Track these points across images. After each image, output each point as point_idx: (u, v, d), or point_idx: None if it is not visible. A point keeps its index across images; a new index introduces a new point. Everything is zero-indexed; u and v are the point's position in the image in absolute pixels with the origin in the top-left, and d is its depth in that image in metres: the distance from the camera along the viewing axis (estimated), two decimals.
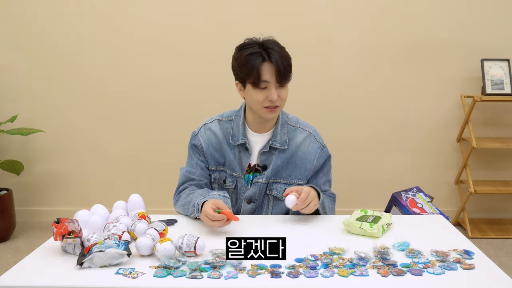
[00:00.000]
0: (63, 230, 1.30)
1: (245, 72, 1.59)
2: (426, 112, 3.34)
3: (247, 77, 1.60)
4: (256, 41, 1.63)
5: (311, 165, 1.72)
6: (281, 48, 1.61)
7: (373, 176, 3.41)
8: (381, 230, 1.44)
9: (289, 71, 1.60)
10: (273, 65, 1.57)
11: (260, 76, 1.57)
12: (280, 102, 1.62)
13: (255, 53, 1.58)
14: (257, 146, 1.73)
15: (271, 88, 1.59)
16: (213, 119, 1.79)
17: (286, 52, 1.62)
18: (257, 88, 1.60)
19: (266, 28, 3.18)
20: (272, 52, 1.58)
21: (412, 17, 3.23)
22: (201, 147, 1.75)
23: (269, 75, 1.58)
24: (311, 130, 1.76)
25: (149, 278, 1.16)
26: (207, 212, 1.46)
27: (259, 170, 1.73)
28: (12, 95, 3.34)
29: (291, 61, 1.62)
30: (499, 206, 3.49)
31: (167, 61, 3.29)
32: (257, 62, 1.57)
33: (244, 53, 1.60)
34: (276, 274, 1.17)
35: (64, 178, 3.46)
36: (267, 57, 1.58)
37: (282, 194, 1.72)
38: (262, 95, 1.60)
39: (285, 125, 1.73)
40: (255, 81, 1.58)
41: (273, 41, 1.64)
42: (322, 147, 1.75)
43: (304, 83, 3.27)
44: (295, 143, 1.72)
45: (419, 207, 1.94)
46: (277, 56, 1.57)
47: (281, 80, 1.59)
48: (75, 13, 3.24)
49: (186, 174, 1.76)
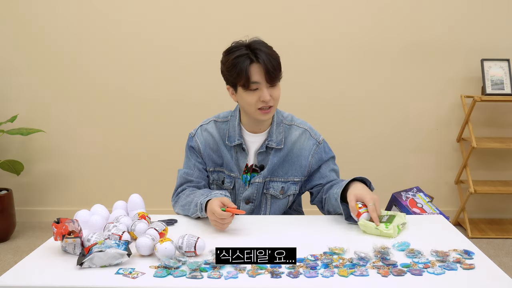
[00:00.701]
0: (63, 230, 1.30)
1: (234, 75, 1.59)
2: (426, 112, 3.34)
3: (237, 80, 1.59)
4: (242, 44, 1.62)
5: (306, 161, 1.72)
6: (268, 48, 1.60)
7: (373, 176, 3.37)
8: (396, 230, 1.44)
9: (278, 69, 1.59)
10: (261, 65, 1.56)
11: (249, 77, 1.56)
12: (273, 102, 1.61)
13: (242, 55, 1.57)
14: (253, 146, 1.72)
15: (262, 89, 1.58)
16: (209, 120, 1.79)
17: (273, 51, 1.61)
18: (248, 90, 1.59)
19: (266, 28, 3.20)
20: (259, 53, 1.56)
21: (412, 17, 3.23)
22: (198, 148, 1.75)
23: (258, 76, 1.57)
24: (306, 126, 1.76)
25: (149, 278, 1.16)
26: (215, 211, 1.45)
27: (256, 170, 1.73)
28: (12, 95, 3.34)
29: (279, 59, 1.60)
30: (499, 206, 3.49)
31: (167, 61, 3.29)
32: (245, 64, 1.56)
33: (231, 57, 1.59)
34: (276, 274, 1.17)
35: (64, 178, 3.46)
36: (254, 58, 1.56)
37: (279, 192, 1.73)
38: (254, 96, 1.59)
39: (281, 124, 1.73)
40: (245, 83, 1.57)
41: (260, 42, 1.62)
42: (318, 143, 1.73)
43: (304, 83, 3.28)
44: (290, 140, 1.72)
45: (419, 207, 1.94)
46: (264, 56, 1.56)
47: (271, 80, 1.58)
48: (75, 13, 3.25)
49: (184, 176, 1.76)
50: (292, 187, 1.74)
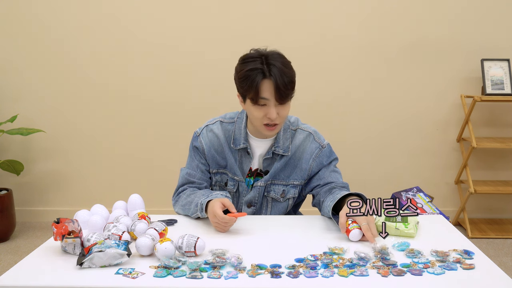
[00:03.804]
0: (63, 230, 1.30)
1: (245, 87, 1.54)
2: (426, 112, 3.35)
3: (247, 93, 1.55)
4: (259, 54, 1.55)
5: (307, 164, 1.70)
6: (284, 64, 1.53)
7: (373, 176, 3.41)
8: (416, 229, 1.45)
9: (290, 88, 1.53)
10: (273, 82, 1.50)
11: (258, 93, 1.52)
12: (279, 120, 1.58)
13: (256, 69, 1.51)
14: (259, 150, 1.71)
15: (271, 106, 1.54)
16: (216, 120, 1.76)
17: (289, 69, 1.54)
18: (256, 105, 1.56)
19: (266, 30, 3.20)
20: (273, 69, 1.50)
21: (412, 17, 3.23)
22: (203, 149, 1.73)
23: (268, 93, 1.52)
24: (310, 130, 1.74)
25: (149, 278, 1.16)
26: (218, 214, 1.44)
27: (261, 174, 1.72)
28: (12, 95, 3.34)
29: (294, 78, 1.55)
30: (499, 206, 3.49)
31: (167, 61, 3.29)
32: (257, 79, 1.50)
33: (245, 68, 1.53)
34: (276, 274, 1.17)
35: (64, 178, 3.46)
36: (267, 74, 1.50)
37: (279, 195, 1.72)
38: (261, 112, 1.56)
39: (288, 130, 1.70)
40: (254, 98, 1.54)
41: (277, 55, 1.55)
42: (321, 147, 1.70)
43: (304, 83, 3.27)
44: (294, 145, 1.71)
45: (419, 207, 1.94)
46: (277, 73, 1.50)
47: (280, 98, 1.53)
48: (75, 13, 3.25)
49: (186, 177, 1.74)
50: (291, 191, 1.73)
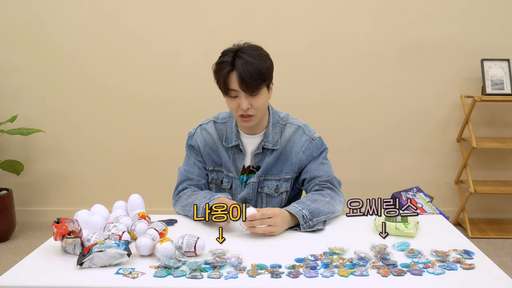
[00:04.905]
0: (63, 230, 1.30)
1: (217, 80, 1.61)
2: (426, 112, 3.34)
3: (219, 85, 1.61)
4: (234, 48, 1.60)
5: (297, 157, 1.70)
6: (253, 56, 1.55)
7: (373, 176, 3.41)
8: (416, 229, 1.45)
9: (255, 79, 1.53)
10: (237, 74, 1.53)
11: (227, 85, 1.57)
12: (254, 111, 1.60)
13: (225, 62, 1.56)
14: (250, 147, 1.73)
15: (241, 97, 1.58)
16: (209, 120, 1.79)
17: (258, 60, 1.55)
18: (228, 96, 1.61)
19: (266, 30, 3.20)
20: (239, 60, 1.53)
21: (412, 17, 3.23)
22: (198, 147, 1.76)
23: (236, 84, 1.56)
24: (300, 124, 1.75)
25: (149, 278, 1.16)
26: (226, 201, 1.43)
27: (253, 171, 1.73)
28: (12, 95, 3.34)
29: (263, 69, 1.55)
30: (499, 206, 3.49)
31: (167, 61, 3.29)
32: (223, 71, 1.56)
33: (217, 61, 1.60)
34: (276, 274, 1.17)
35: (64, 178, 3.46)
36: (233, 66, 1.55)
37: (273, 190, 1.73)
38: (234, 103, 1.60)
39: (277, 125, 1.73)
40: (224, 90, 1.59)
41: (250, 48, 1.58)
42: (311, 140, 1.71)
43: (304, 84, 3.28)
44: (284, 139, 1.72)
45: (419, 207, 1.94)
46: (243, 64, 1.52)
47: (247, 89, 1.55)
48: (75, 13, 3.25)
49: (185, 174, 1.76)
50: (284, 185, 1.73)
